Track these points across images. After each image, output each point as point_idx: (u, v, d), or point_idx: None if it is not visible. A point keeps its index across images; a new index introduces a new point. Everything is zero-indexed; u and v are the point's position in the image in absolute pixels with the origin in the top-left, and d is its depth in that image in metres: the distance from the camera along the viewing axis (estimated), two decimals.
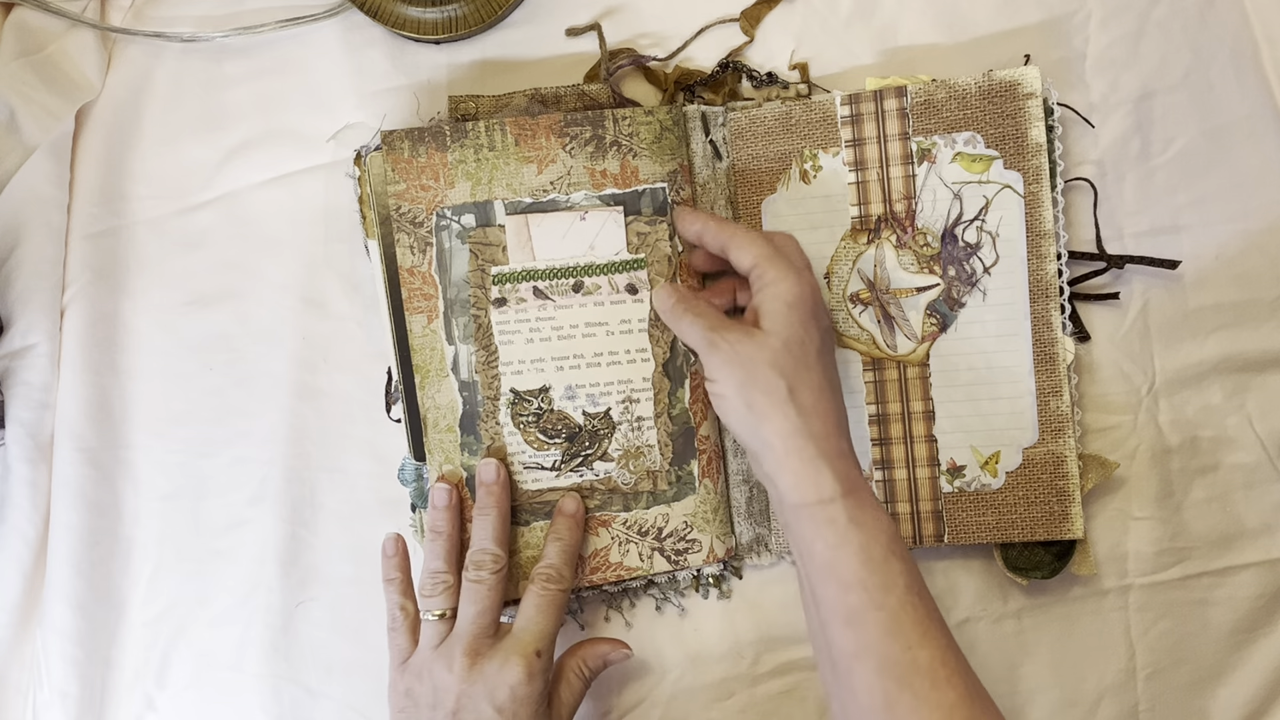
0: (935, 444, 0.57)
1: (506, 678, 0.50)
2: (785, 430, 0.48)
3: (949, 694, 0.44)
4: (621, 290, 0.57)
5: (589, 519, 0.57)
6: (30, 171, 0.61)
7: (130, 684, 0.62)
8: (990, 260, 0.57)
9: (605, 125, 0.56)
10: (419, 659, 0.53)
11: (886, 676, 0.45)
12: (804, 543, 0.47)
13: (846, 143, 0.58)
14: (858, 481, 0.48)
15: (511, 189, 0.56)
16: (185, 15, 0.64)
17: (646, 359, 0.57)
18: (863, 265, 0.58)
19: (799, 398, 0.48)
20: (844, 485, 0.47)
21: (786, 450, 0.48)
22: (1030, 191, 0.56)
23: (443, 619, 0.53)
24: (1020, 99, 0.56)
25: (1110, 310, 0.59)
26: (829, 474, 0.47)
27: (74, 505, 0.62)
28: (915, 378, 0.57)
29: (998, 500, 0.57)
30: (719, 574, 0.59)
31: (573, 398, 0.57)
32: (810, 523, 0.47)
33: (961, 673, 0.45)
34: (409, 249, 0.56)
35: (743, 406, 0.48)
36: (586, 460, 0.57)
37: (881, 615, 0.45)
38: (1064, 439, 0.56)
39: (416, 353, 0.57)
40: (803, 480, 0.47)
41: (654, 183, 0.57)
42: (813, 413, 0.48)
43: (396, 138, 0.56)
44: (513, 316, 0.56)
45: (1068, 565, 0.56)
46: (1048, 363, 0.56)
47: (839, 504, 0.47)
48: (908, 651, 0.45)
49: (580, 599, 0.59)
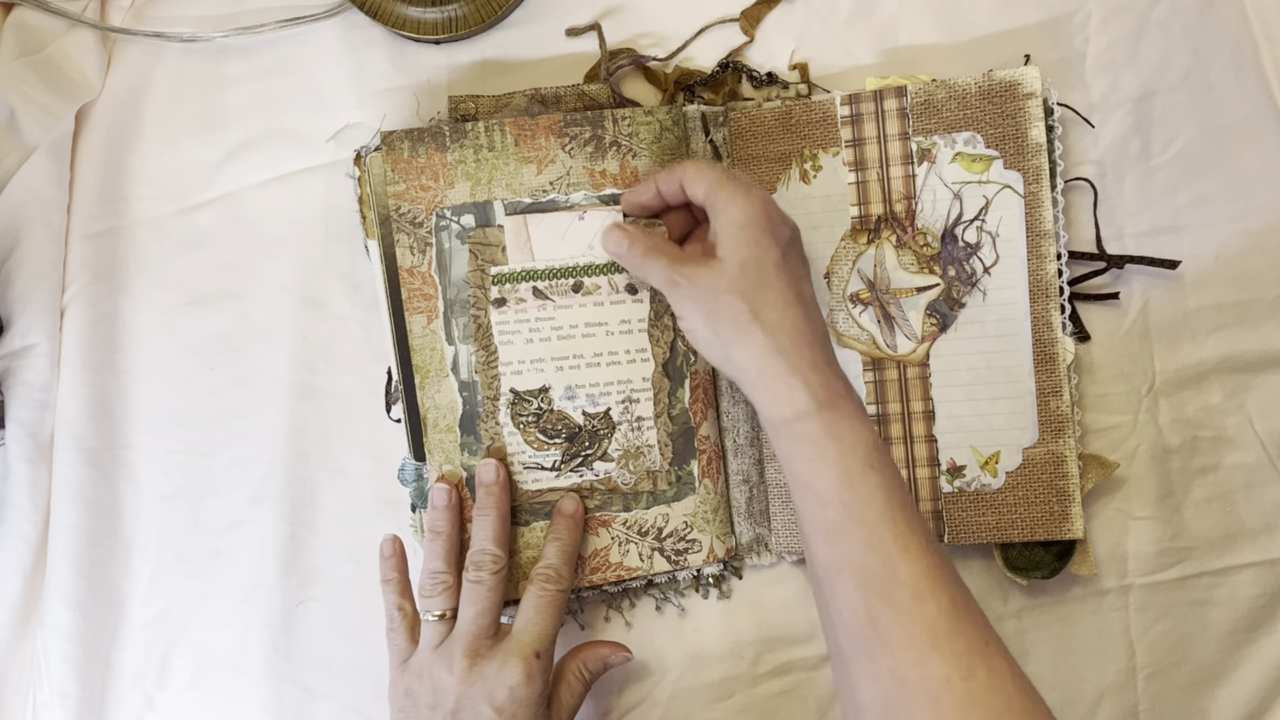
0: (935, 444, 0.57)
1: (506, 679, 0.50)
2: (754, 350, 0.47)
3: (931, 607, 0.43)
4: (621, 290, 0.57)
5: (589, 519, 0.57)
6: (30, 171, 0.61)
7: (130, 684, 0.62)
8: (990, 260, 0.57)
9: (605, 125, 0.56)
10: (419, 659, 0.53)
11: (868, 591, 0.44)
12: (784, 460, 0.47)
13: (846, 143, 0.58)
14: (837, 392, 0.47)
15: (511, 189, 0.56)
16: (185, 15, 0.64)
17: (646, 359, 0.57)
18: (863, 265, 0.58)
19: (763, 316, 0.48)
20: (819, 398, 0.46)
21: (760, 370, 0.47)
22: (1030, 191, 0.56)
23: (443, 619, 0.53)
24: (1020, 99, 0.56)
25: (1110, 310, 0.59)
26: (802, 388, 0.46)
27: (74, 505, 0.62)
28: (915, 378, 0.57)
29: (998, 500, 0.57)
30: (719, 574, 0.59)
31: (573, 398, 0.57)
32: (788, 439, 0.47)
33: (946, 585, 0.44)
34: (409, 249, 0.56)
35: (711, 337, 0.49)
36: (586, 460, 0.57)
37: (861, 530, 0.45)
38: (1064, 439, 0.56)
39: (416, 353, 0.57)
40: (778, 397, 0.47)
41: None
42: (779, 328, 0.48)
43: (396, 138, 0.56)
44: (512, 317, 0.56)
45: (1068, 565, 0.56)
46: (1048, 363, 0.56)
47: (814, 419, 0.46)
48: (888, 566, 0.44)
49: (580, 599, 0.59)
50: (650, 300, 0.57)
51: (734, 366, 0.48)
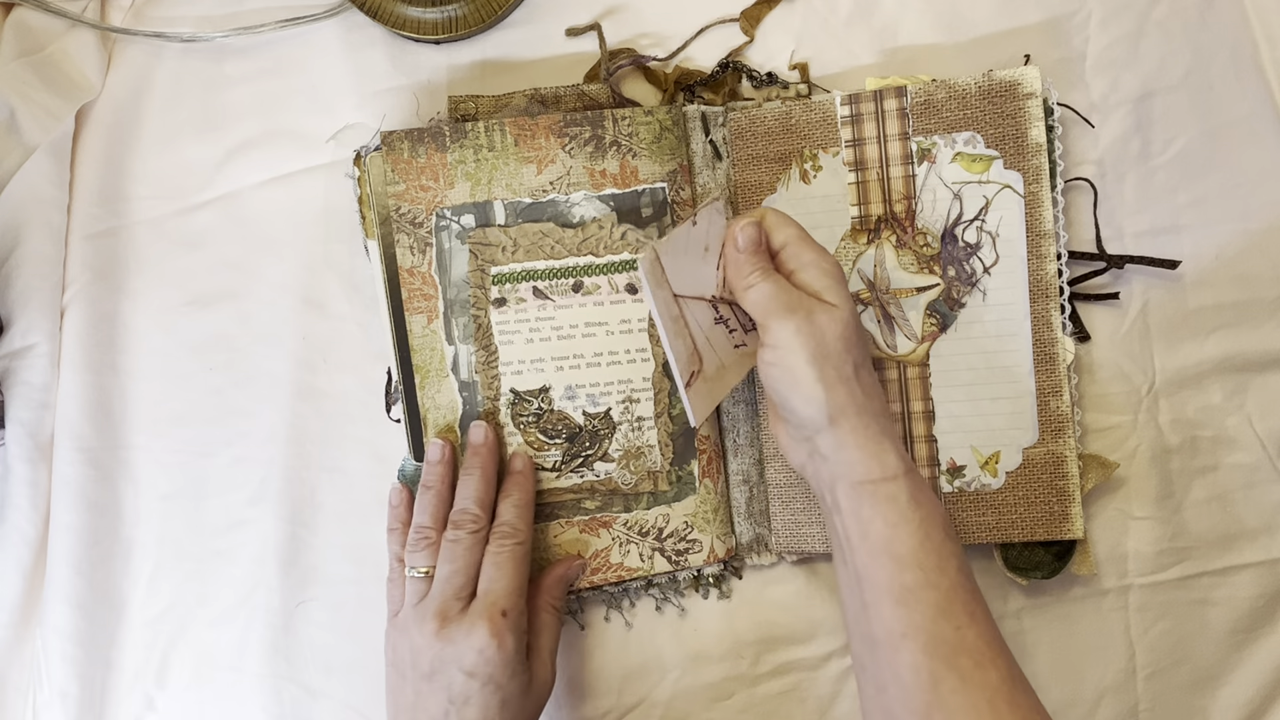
0: (935, 444, 0.57)
1: (474, 642, 0.50)
2: (851, 407, 0.47)
3: (992, 674, 0.45)
4: (621, 290, 0.57)
5: (590, 520, 0.57)
6: (30, 171, 0.61)
7: (130, 684, 0.62)
8: (990, 260, 0.57)
9: (605, 125, 0.56)
10: (403, 614, 0.53)
11: (934, 656, 0.45)
12: (861, 520, 0.47)
13: (846, 143, 0.58)
14: (910, 462, 0.48)
15: (511, 189, 0.56)
16: (185, 15, 0.64)
17: (646, 359, 0.57)
18: (863, 265, 0.58)
19: (861, 375, 0.48)
20: (904, 464, 0.48)
21: (852, 427, 0.47)
22: (1030, 191, 0.56)
23: (426, 576, 0.53)
24: (1020, 99, 0.56)
25: (1110, 310, 0.59)
26: (892, 452, 0.47)
27: (74, 505, 0.62)
28: (915, 378, 0.57)
29: (998, 500, 0.57)
30: (719, 574, 0.59)
31: (573, 398, 0.57)
32: (871, 500, 0.47)
33: (1004, 654, 0.46)
34: (409, 249, 0.56)
35: (810, 379, 0.47)
36: (587, 461, 0.57)
37: (935, 595, 0.45)
38: (1064, 439, 0.56)
39: (416, 353, 0.57)
40: (868, 457, 0.47)
41: (653, 182, 0.57)
42: (872, 391, 0.49)
43: (396, 138, 0.56)
44: (512, 316, 0.56)
45: (1068, 565, 0.56)
46: (1048, 363, 0.56)
47: (901, 482, 0.47)
48: (956, 631, 0.45)
49: (581, 599, 0.59)
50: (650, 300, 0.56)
51: (822, 417, 0.47)
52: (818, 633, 0.59)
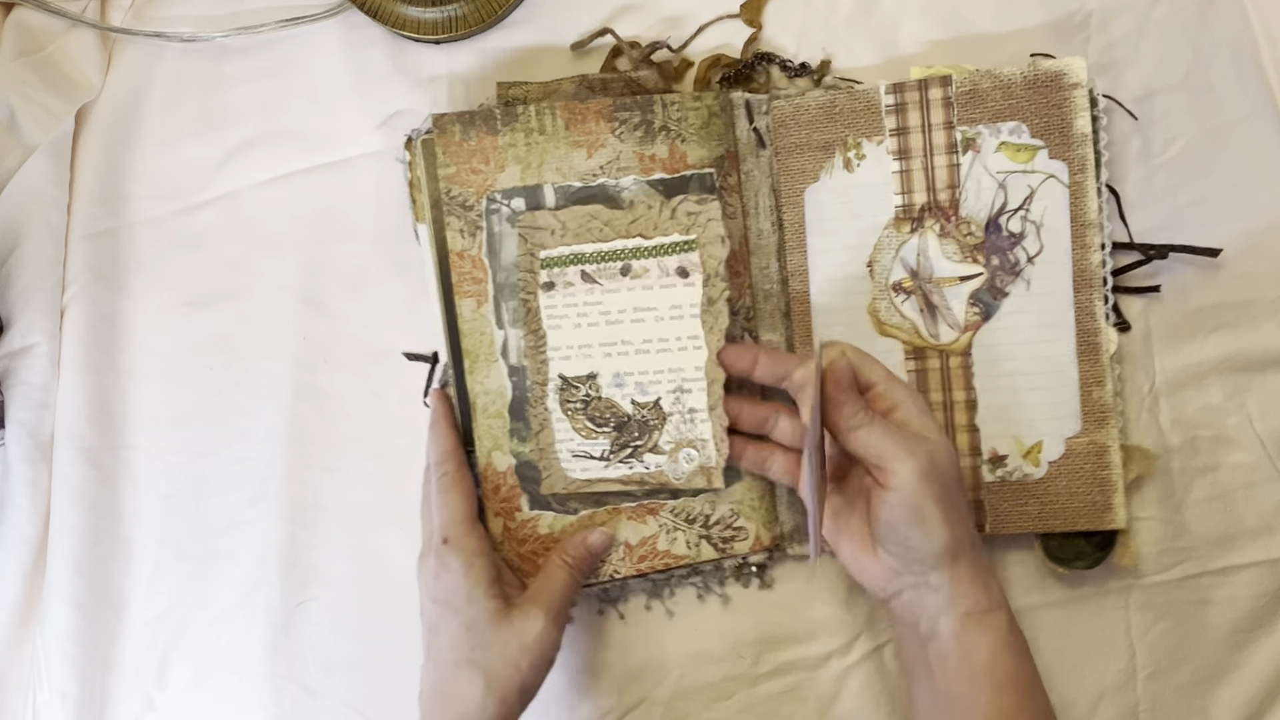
0: (977, 433, 0.57)
1: (428, 569, 0.53)
2: (965, 542, 0.49)
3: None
4: (672, 273, 0.55)
5: (638, 506, 0.57)
6: (30, 171, 0.61)
7: (130, 684, 0.62)
8: (1034, 250, 0.56)
9: (654, 110, 0.56)
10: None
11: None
12: (962, 646, 0.49)
13: (891, 131, 0.57)
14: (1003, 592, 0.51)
15: (561, 173, 0.56)
16: (185, 15, 0.64)
17: (699, 346, 0.55)
18: (905, 254, 0.57)
19: (966, 512, 0.50)
20: (1003, 592, 0.50)
21: (969, 561, 0.49)
22: (1075, 181, 0.56)
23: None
24: (1066, 89, 0.55)
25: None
26: (996, 585, 0.50)
27: (74, 505, 0.62)
28: (957, 367, 0.57)
29: (1040, 490, 0.56)
30: (763, 562, 0.59)
31: (621, 385, 0.56)
32: (977, 627, 0.49)
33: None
34: (459, 232, 0.56)
35: (937, 520, 0.48)
36: (636, 452, 0.56)
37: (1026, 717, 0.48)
38: (1107, 429, 0.56)
39: (466, 337, 0.56)
40: (977, 588, 0.49)
41: (702, 168, 0.56)
42: (973, 525, 0.51)
43: (447, 121, 0.55)
44: (560, 301, 0.56)
45: (1109, 556, 0.56)
46: (1091, 352, 0.56)
47: (1003, 611, 0.49)
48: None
49: (624, 588, 0.59)
50: (703, 284, 0.55)
51: (939, 551, 0.48)
52: (818, 633, 0.59)
